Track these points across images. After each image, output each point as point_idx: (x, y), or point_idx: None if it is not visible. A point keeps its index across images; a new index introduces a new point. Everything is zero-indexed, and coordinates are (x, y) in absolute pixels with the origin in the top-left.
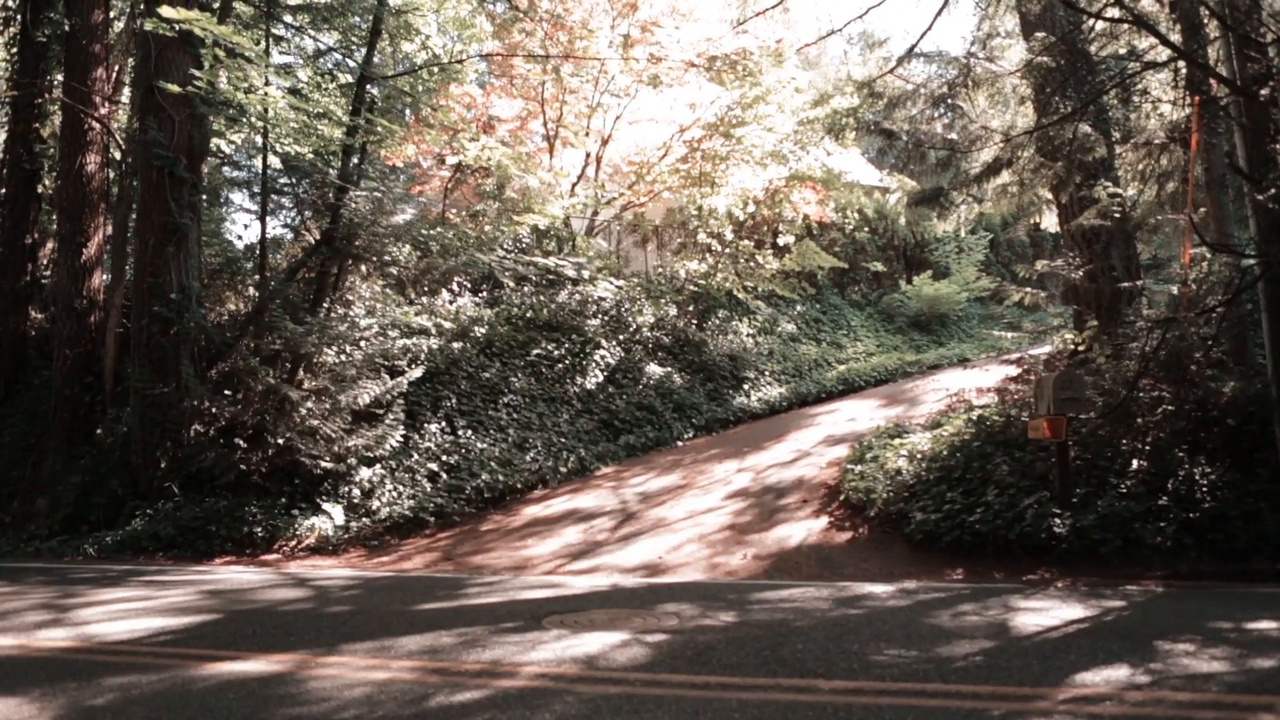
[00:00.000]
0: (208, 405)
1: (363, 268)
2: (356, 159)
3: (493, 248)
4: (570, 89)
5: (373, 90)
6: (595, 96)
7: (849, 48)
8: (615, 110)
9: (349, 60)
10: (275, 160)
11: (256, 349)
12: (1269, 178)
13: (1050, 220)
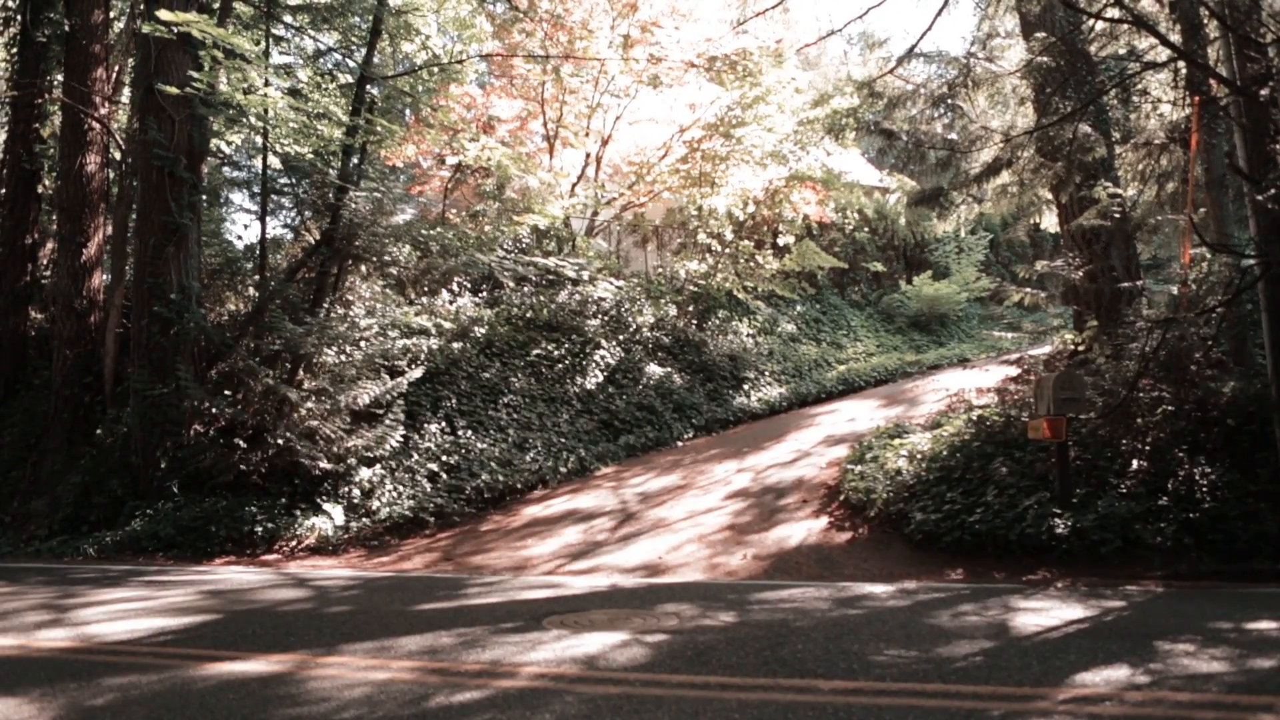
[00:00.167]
0: (207, 405)
1: (363, 268)
2: (356, 159)
3: (493, 248)
4: (570, 89)
5: (373, 90)
6: (595, 97)
7: (849, 48)
8: (615, 110)
9: (349, 60)
10: (275, 160)
11: (256, 349)
12: (1269, 178)
13: (1050, 220)
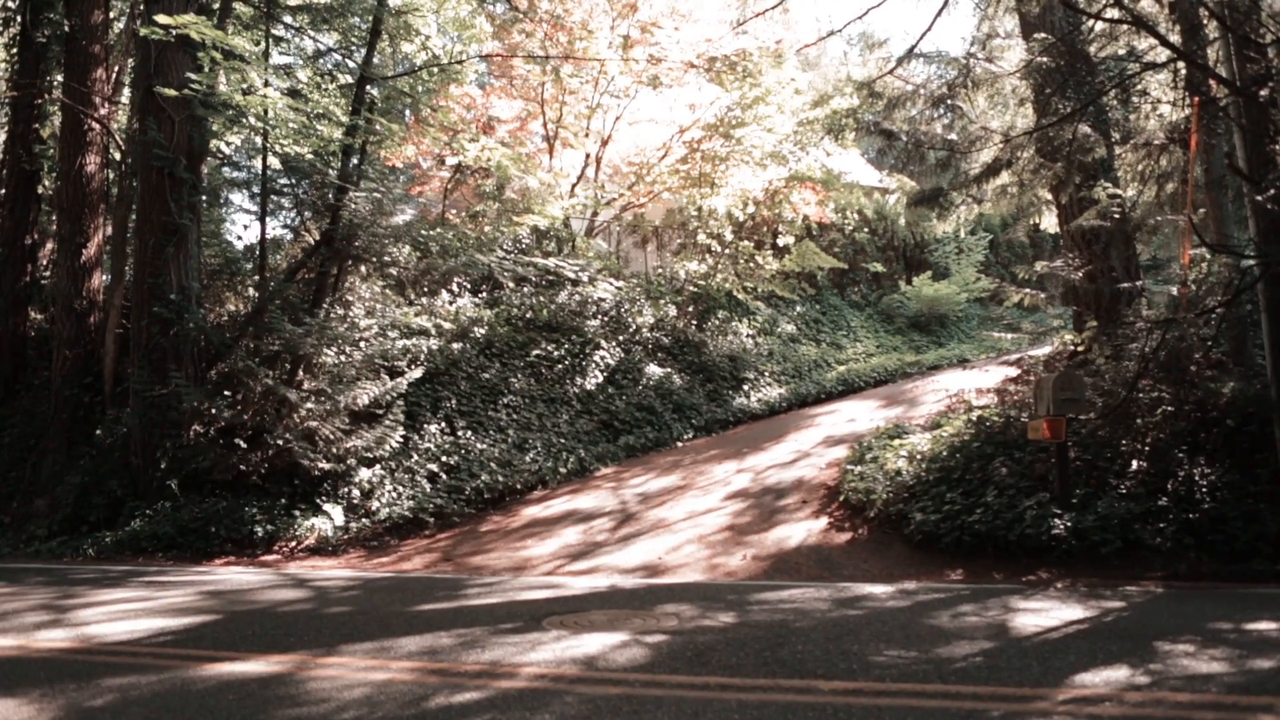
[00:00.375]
0: (207, 406)
1: (362, 268)
2: (356, 159)
3: (492, 248)
4: (570, 89)
5: (372, 91)
6: (595, 97)
7: (849, 48)
8: (615, 111)
9: (349, 61)
10: (275, 161)
11: (256, 350)
12: (1268, 178)
13: (1050, 221)
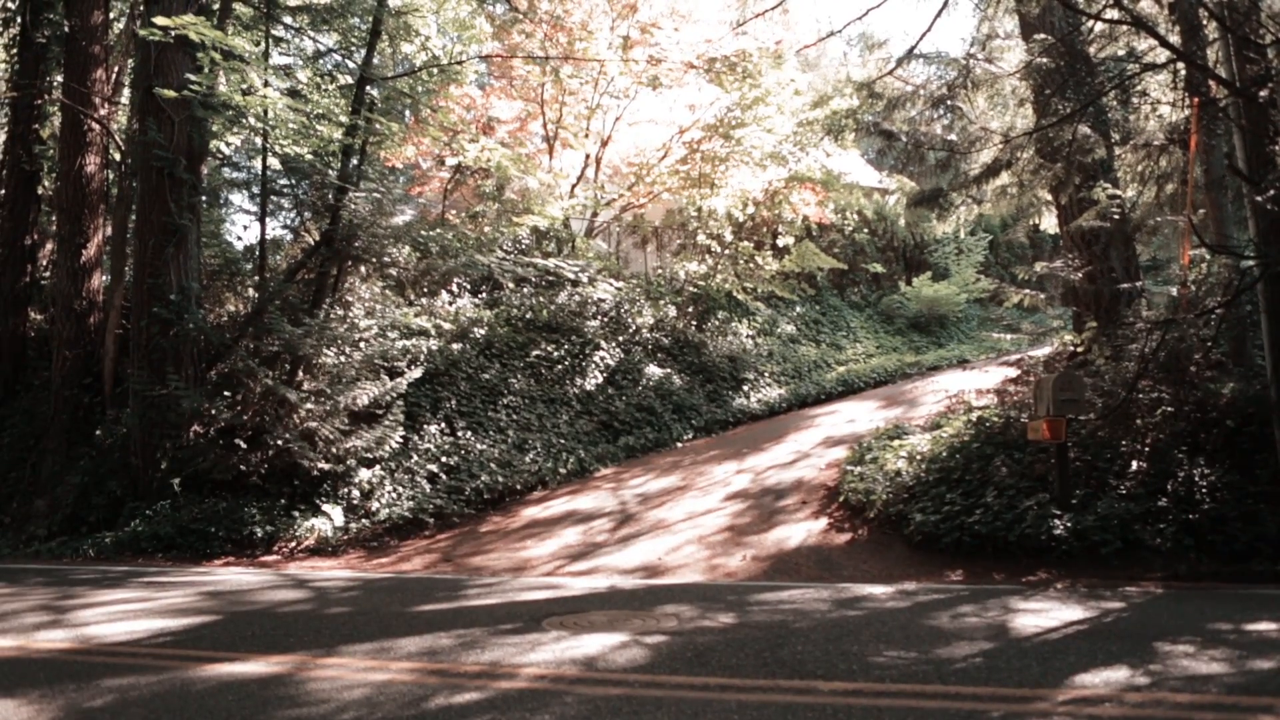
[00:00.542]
0: (207, 406)
1: (362, 269)
2: (356, 160)
3: (492, 249)
4: (570, 90)
5: (372, 91)
6: (595, 98)
7: (848, 49)
8: (615, 111)
9: (349, 61)
10: (275, 161)
11: (256, 350)
12: (1268, 179)
13: (1049, 221)
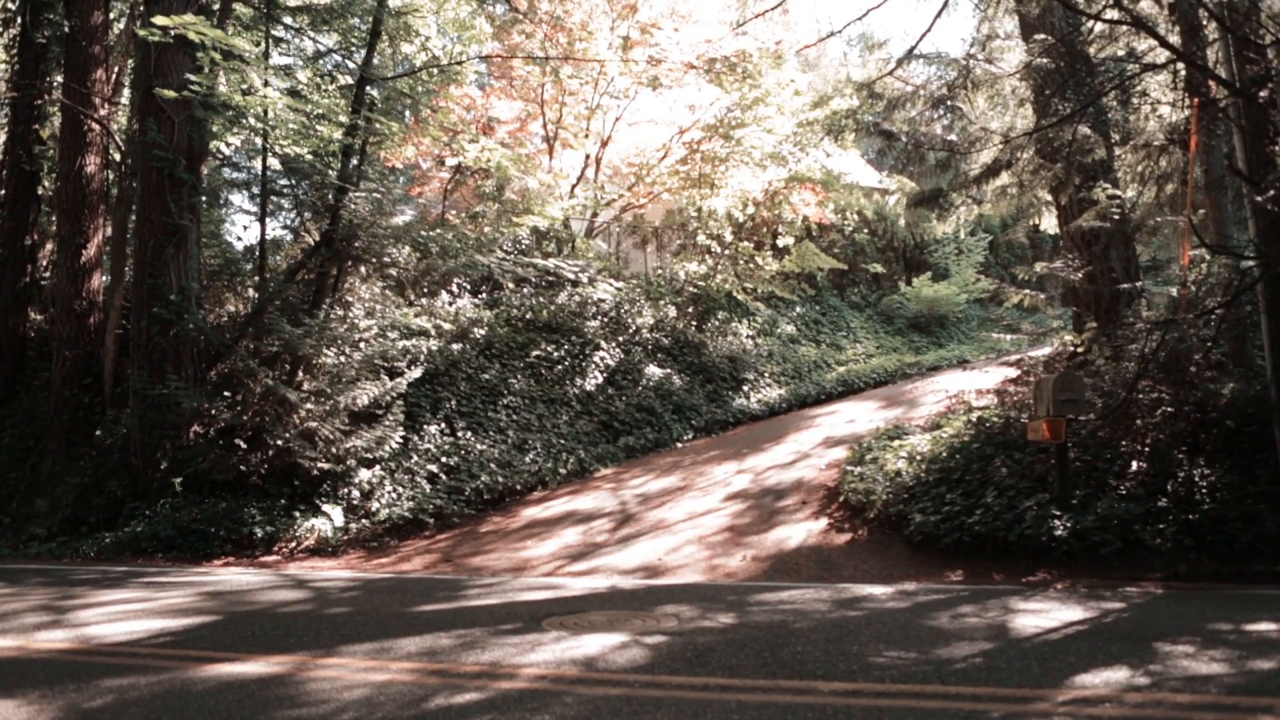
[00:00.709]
0: (207, 406)
1: (362, 269)
2: (356, 160)
3: (492, 249)
4: (570, 90)
5: (372, 92)
6: (595, 98)
7: (848, 49)
8: (615, 112)
9: (349, 62)
10: (275, 161)
11: (256, 350)
12: (1268, 179)
13: (1049, 222)
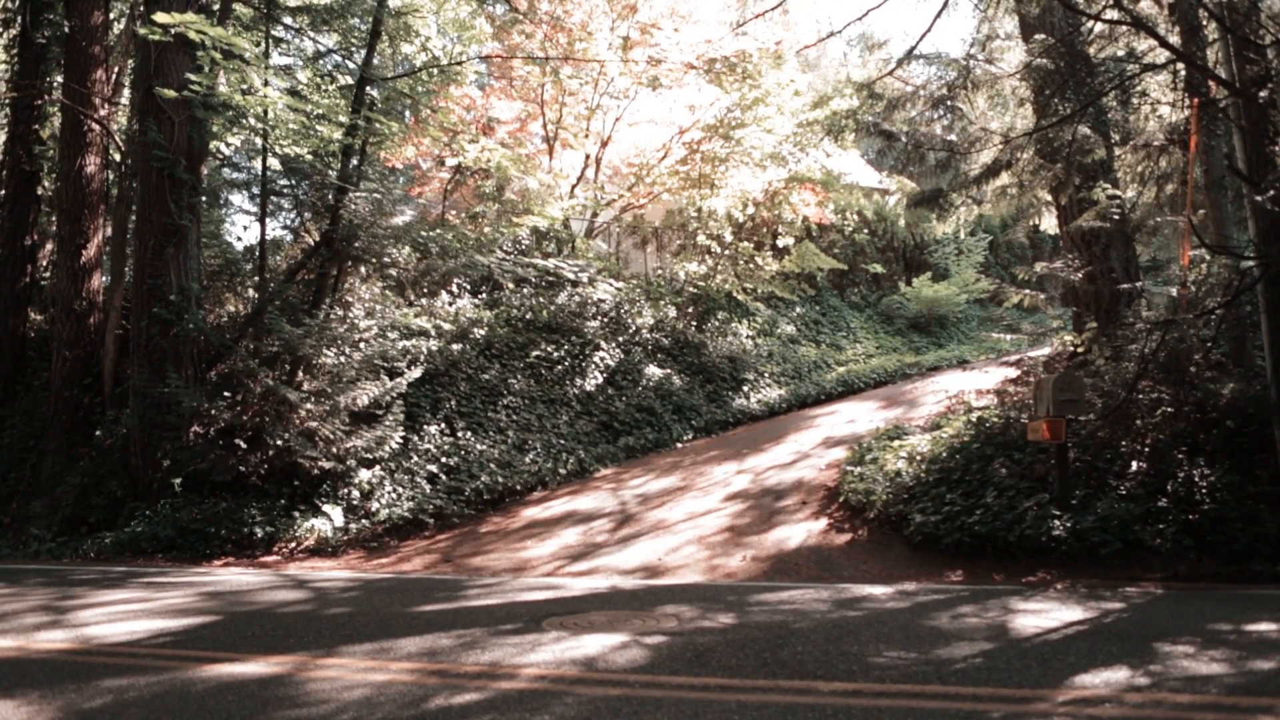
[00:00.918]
0: (207, 407)
1: (362, 269)
2: (356, 160)
3: (492, 249)
4: (570, 91)
5: (372, 92)
6: (595, 98)
7: (848, 50)
8: (615, 112)
9: (349, 62)
10: (275, 162)
11: (256, 350)
12: (1268, 179)
13: (1049, 222)
